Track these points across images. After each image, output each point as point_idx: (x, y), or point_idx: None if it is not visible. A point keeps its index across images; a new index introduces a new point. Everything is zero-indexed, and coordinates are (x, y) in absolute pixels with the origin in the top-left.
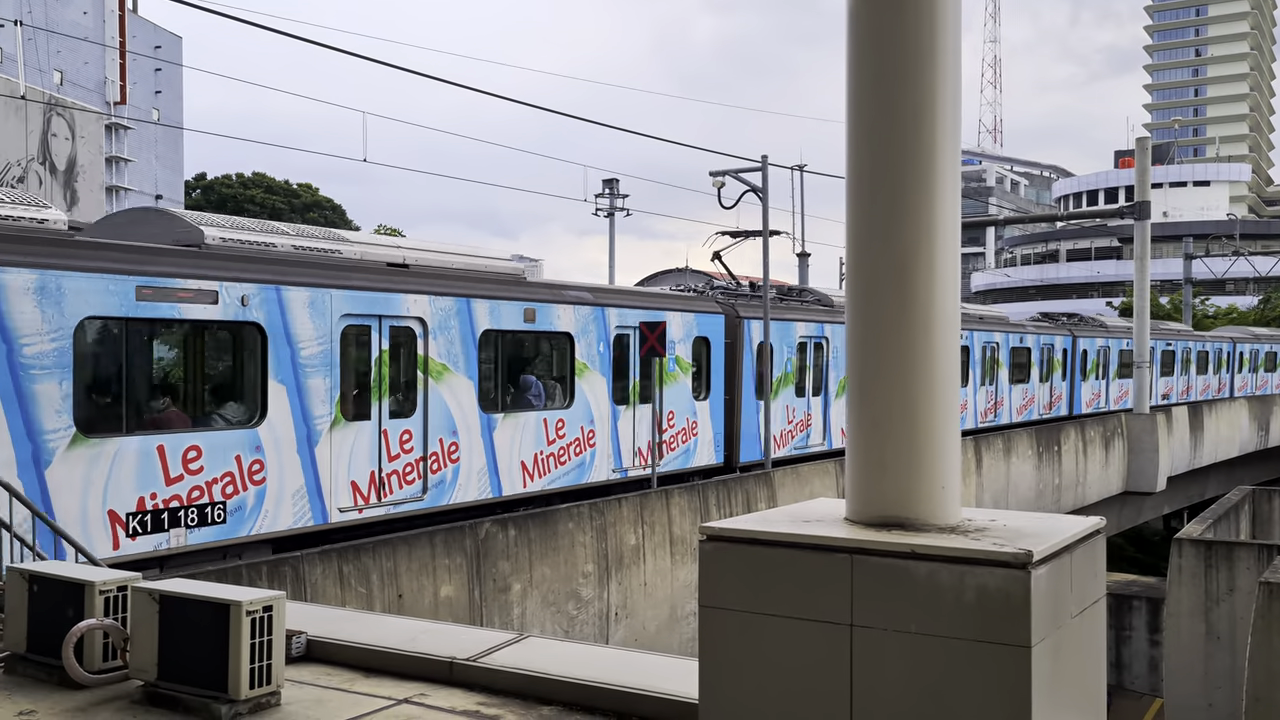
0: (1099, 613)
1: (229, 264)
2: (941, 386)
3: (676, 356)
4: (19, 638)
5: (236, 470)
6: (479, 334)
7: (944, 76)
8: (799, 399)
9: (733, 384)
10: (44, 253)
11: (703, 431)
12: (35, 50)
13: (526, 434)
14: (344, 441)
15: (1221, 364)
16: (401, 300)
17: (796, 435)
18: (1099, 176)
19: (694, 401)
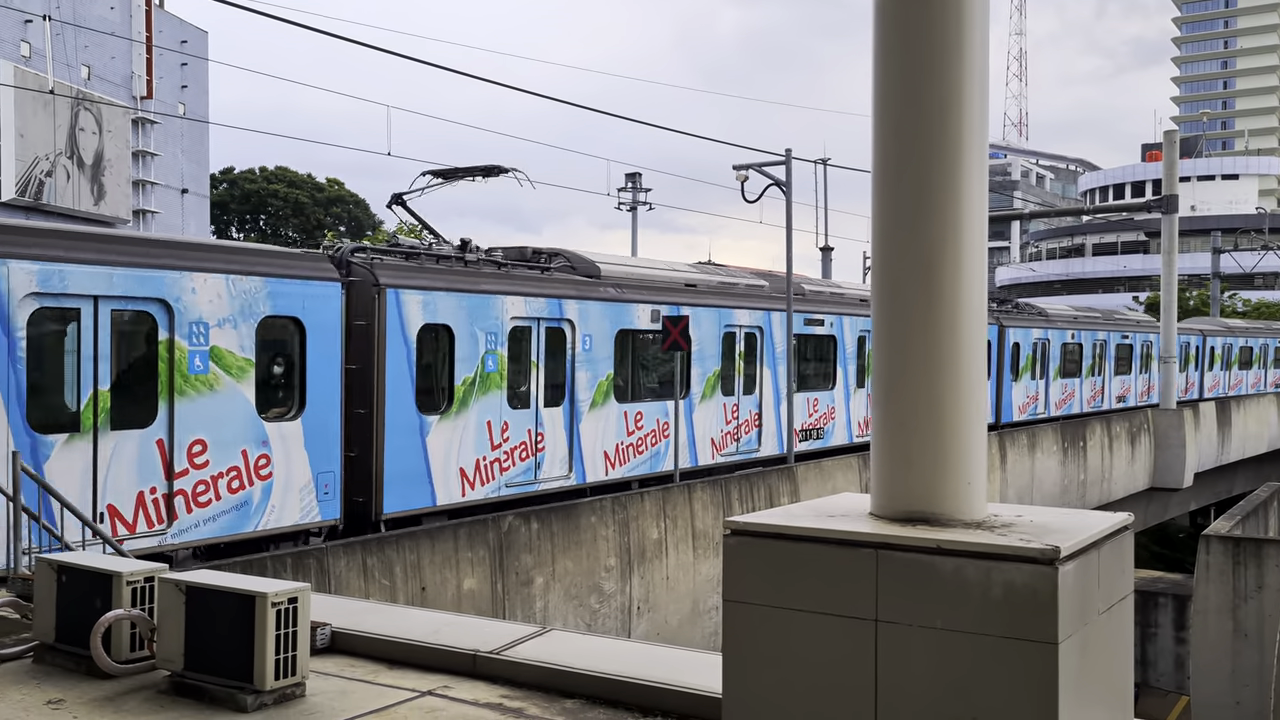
0: (1126, 609)
1: None
2: (968, 382)
3: (213, 348)
4: (48, 628)
5: None
6: None
7: (971, 69)
8: (518, 411)
9: (365, 393)
10: None
11: (282, 470)
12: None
13: None
14: None
15: (1188, 360)
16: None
17: (513, 467)
18: (1125, 170)
19: (260, 423)
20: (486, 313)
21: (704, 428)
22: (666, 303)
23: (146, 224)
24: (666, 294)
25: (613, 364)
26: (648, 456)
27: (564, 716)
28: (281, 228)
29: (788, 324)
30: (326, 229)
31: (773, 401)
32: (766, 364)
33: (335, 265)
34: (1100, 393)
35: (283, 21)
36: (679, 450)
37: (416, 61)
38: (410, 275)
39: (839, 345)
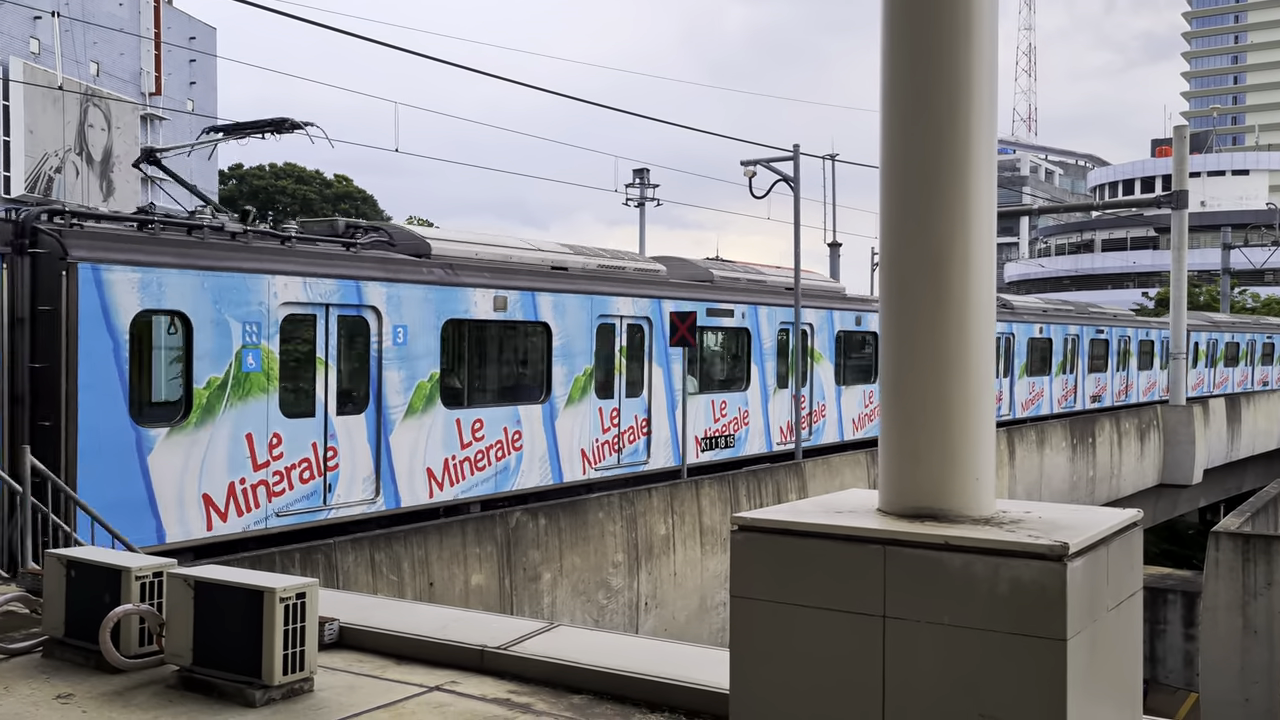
0: (1135, 606)
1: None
2: (976, 378)
3: None
4: (57, 622)
5: None
6: None
7: (979, 64)
8: (296, 420)
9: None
10: None
11: None
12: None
13: None
14: None
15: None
16: None
17: (289, 491)
18: (1135, 165)
19: None
20: (244, 297)
21: (571, 437)
22: (517, 287)
23: None
24: (519, 277)
25: (439, 361)
26: (491, 473)
27: (571, 712)
28: None
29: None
30: None
31: (666, 405)
32: (657, 361)
33: (15, 233)
34: (1072, 392)
35: (290, 17)
36: (530, 464)
37: (423, 57)
38: (121, 248)
39: (754, 339)
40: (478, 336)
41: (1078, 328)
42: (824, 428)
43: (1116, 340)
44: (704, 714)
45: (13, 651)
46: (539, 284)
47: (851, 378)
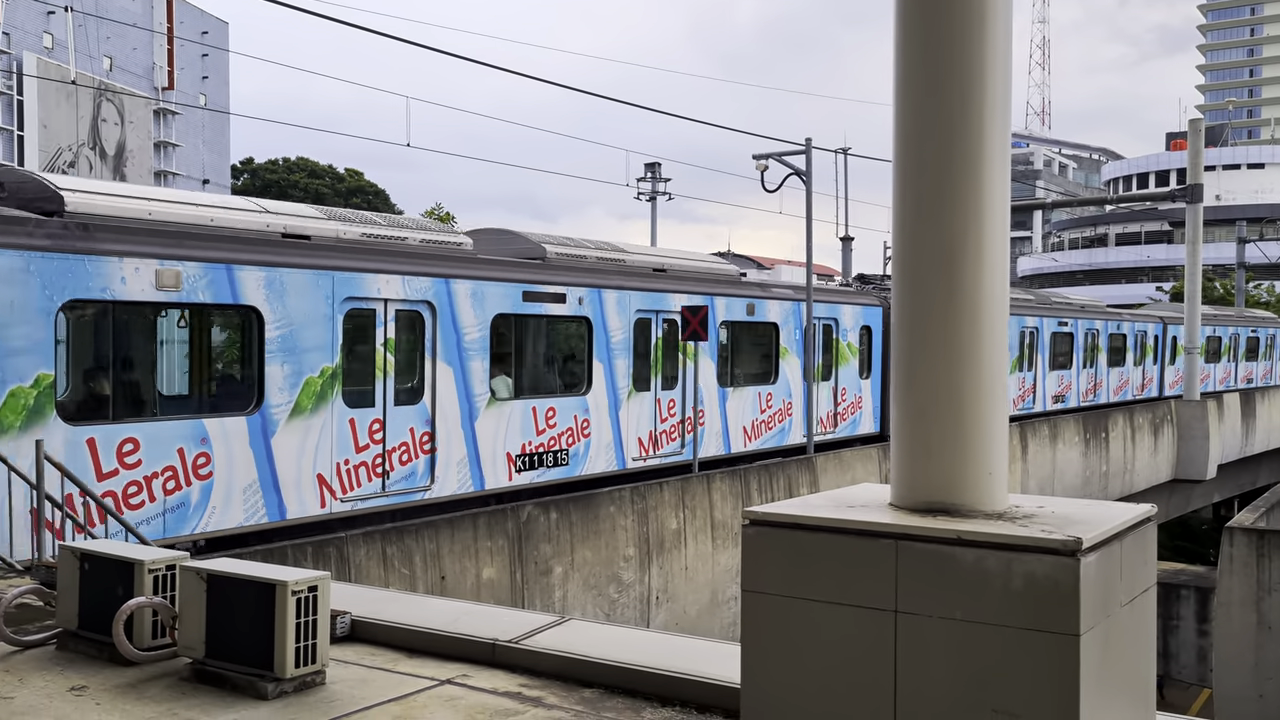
0: (1149, 601)
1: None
2: (989, 372)
3: None
4: (71, 615)
5: None
6: None
7: (993, 57)
8: None
9: None
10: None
11: None
12: (85, 36)
13: None
14: None
15: (1145, 353)
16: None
17: None
18: (1149, 159)
19: None
20: None
21: (297, 460)
22: (203, 258)
23: None
24: (214, 245)
25: (48, 358)
26: (158, 510)
27: (583, 705)
28: None
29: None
30: None
31: (460, 414)
32: (445, 358)
33: None
34: (1031, 391)
35: (302, 11)
36: (228, 498)
37: (433, 51)
38: None
39: (595, 331)
40: (127, 325)
41: (1036, 319)
42: (700, 439)
43: (1084, 334)
44: (715, 708)
45: (27, 644)
46: (247, 255)
47: (742, 378)
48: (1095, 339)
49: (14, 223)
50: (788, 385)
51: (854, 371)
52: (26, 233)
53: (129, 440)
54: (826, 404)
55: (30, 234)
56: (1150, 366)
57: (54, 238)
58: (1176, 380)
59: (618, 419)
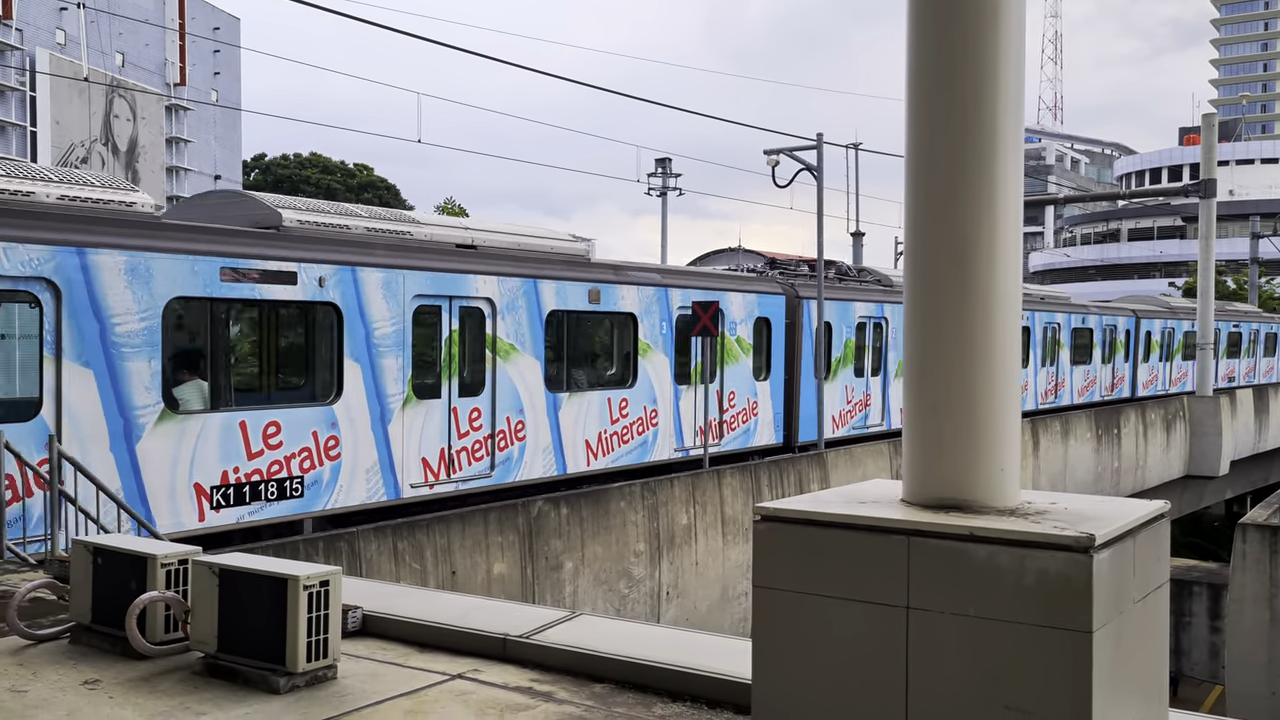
0: (1162, 598)
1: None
2: (1001, 367)
3: None
4: (84, 609)
5: None
6: None
7: (1006, 52)
8: None
9: None
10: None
11: None
12: (98, 33)
13: None
14: None
15: (1114, 349)
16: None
17: None
18: (1162, 154)
19: None
20: None
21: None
22: (369, 263)
23: None
24: (370, 252)
25: None
26: None
27: (593, 700)
28: None
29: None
30: None
31: (110, 434)
32: (81, 358)
33: None
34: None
35: (313, 7)
36: None
37: (445, 46)
38: None
39: (347, 322)
40: None
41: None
42: (519, 458)
43: (1042, 329)
44: (726, 704)
45: (41, 637)
46: (402, 261)
47: (583, 382)
48: (1056, 334)
49: (250, 234)
50: (650, 389)
51: (746, 372)
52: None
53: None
54: (708, 411)
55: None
56: (1121, 364)
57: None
58: (1151, 379)
59: (386, 435)
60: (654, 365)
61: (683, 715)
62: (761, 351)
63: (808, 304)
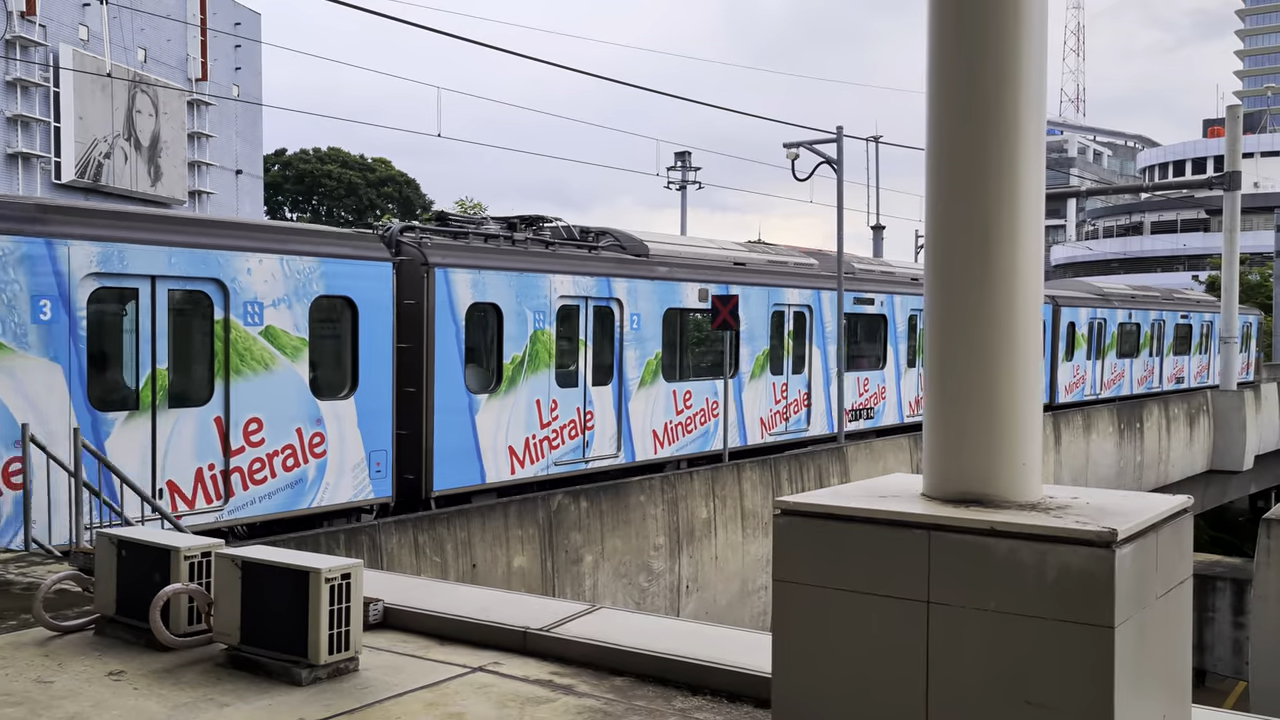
0: (1185, 594)
1: None
2: (1023, 361)
3: None
4: (108, 601)
5: None
6: None
7: (1028, 43)
8: None
9: None
10: None
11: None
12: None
13: None
14: None
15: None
16: None
17: None
18: (1186, 146)
19: None
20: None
21: None
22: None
23: (201, 205)
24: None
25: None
26: None
27: (613, 694)
28: (335, 209)
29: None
30: (377, 209)
31: None
32: None
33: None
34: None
35: (334, 2)
36: None
37: (465, 41)
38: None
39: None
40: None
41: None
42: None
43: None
44: (746, 697)
45: (66, 629)
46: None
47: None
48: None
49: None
50: None
51: (284, 384)
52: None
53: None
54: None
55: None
56: None
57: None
58: (1076, 382)
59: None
60: None
61: (703, 709)
62: (324, 347)
63: (444, 275)
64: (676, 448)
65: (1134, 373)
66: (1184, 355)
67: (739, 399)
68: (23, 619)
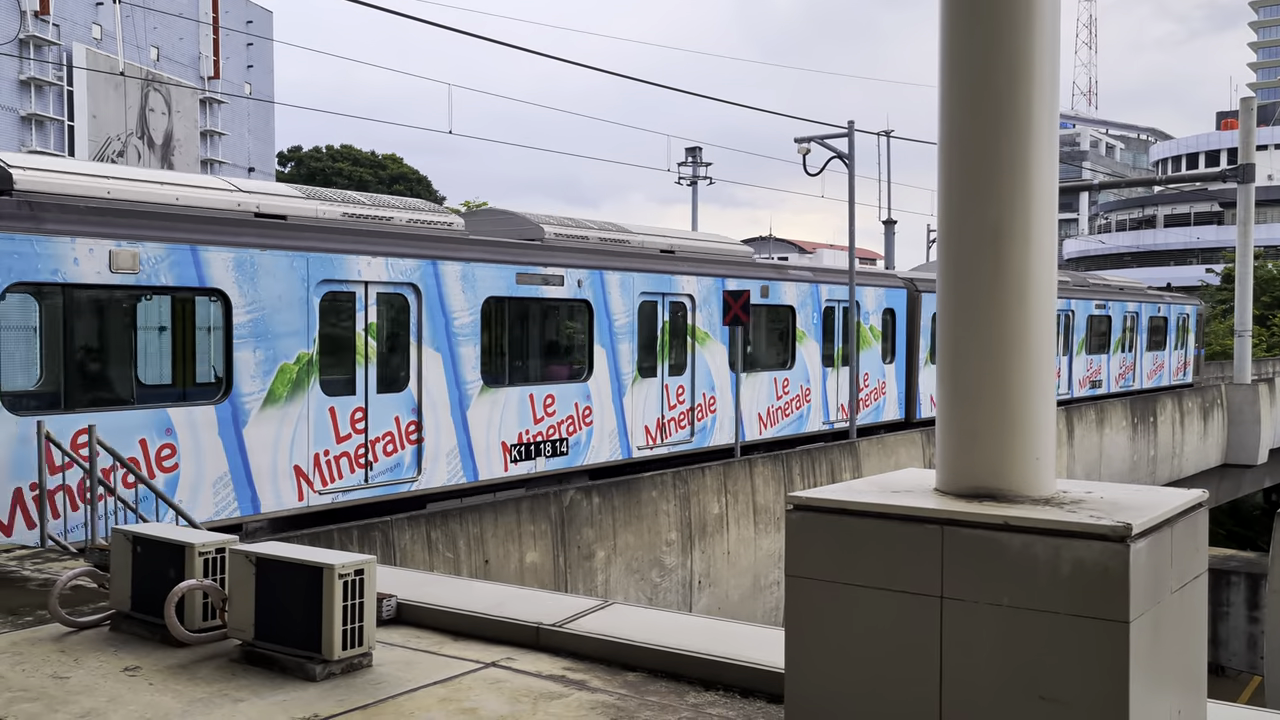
0: (1200, 588)
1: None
2: (1036, 354)
3: None
4: (123, 597)
5: None
6: None
7: (1041, 35)
8: None
9: None
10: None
11: None
12: (133, 27)
13: None
14: None
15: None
16: None
17: None
18: (1199, 139)
19: None
20: None
21: None
22: None
23: None
24: None
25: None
26: None
27: (626, 689)
28: None
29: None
30: None
31: None
32: None
33: None
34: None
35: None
36: None
37: (476, 37)
38: None
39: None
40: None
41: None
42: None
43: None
44: (758, 693)
45: (82, 625)
46: None
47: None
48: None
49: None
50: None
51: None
52: None
53: None
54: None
55: None
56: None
57: None
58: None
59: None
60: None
61: (715, 704)
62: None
63: None
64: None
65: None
66: (1101, 354)
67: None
68: (39, 615)
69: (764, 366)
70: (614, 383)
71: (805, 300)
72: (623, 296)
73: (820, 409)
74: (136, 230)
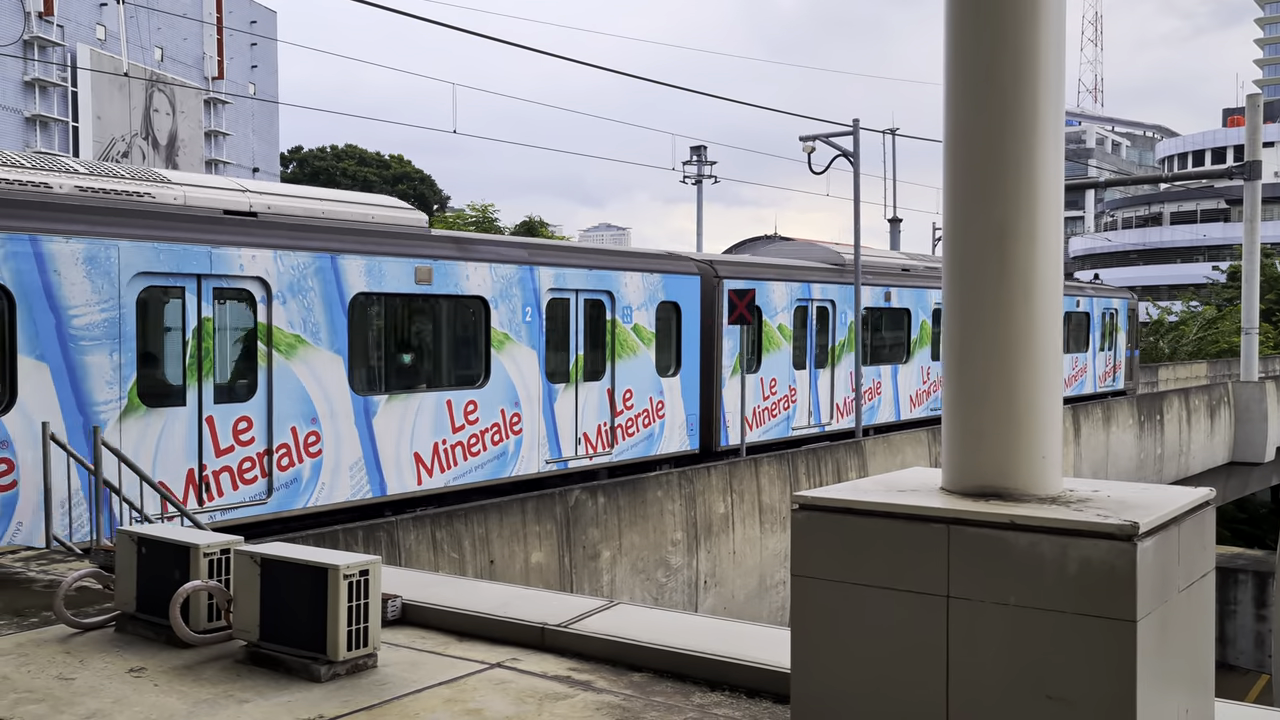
0: (1207, 587)
1: None
2: (1042, 353)
3: None
4: (129, 598)
5: None
6: None
7: (1046, 33)
8: None
9: None
10: None
11: None
12: (137, 28)
13: None
14: None
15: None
16: None
17: None
18: (1205, 136)
19: None
20: None
21: None
22: None
23: None
24: None
25: None
26: None
27: (632, 689)
28: None
29: None
30: None
31: None
32: None
33: None
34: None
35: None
36: None
37: (480, 37)
38: None
39: None
40: None
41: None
42: None
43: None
44: (764, 693)
45: (87, 626)
46: None
47: None
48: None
49: None
50: None
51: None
52: None
53: None
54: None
55: None
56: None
57: None
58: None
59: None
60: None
61: (721, 704)
62: None
63: None
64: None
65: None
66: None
67: None
68: (44, 616)
69: (426, 385)
70: None
71: (510, 290)
72: None
73: (538, 442)
74: None
